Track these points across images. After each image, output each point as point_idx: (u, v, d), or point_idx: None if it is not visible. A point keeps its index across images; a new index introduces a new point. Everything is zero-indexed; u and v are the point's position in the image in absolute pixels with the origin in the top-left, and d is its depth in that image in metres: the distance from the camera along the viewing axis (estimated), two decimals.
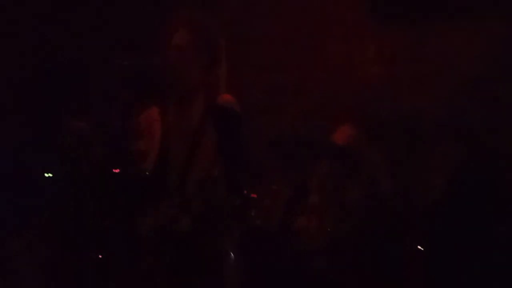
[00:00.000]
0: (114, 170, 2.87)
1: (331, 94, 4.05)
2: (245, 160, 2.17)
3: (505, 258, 2.71)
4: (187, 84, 2.20)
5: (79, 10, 3.94)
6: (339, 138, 3.47)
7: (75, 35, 3.87)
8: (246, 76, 4.34)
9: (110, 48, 3.83)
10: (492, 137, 3.29)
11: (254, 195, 3.33)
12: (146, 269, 2.26)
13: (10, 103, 3.65)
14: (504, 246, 2.70)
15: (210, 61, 2.22)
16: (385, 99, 3.79)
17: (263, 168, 3.51)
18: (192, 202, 1.96)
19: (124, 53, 3.53)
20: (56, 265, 3.01)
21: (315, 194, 3.14)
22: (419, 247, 2.98)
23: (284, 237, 3.23)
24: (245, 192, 3.19)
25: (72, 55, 3.86)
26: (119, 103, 3.59)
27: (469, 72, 3.43)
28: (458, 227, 2.87)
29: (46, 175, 3.17)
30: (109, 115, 3.52)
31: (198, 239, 2.08)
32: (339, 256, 3.36)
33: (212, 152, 2.11)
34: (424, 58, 3.65)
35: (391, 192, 3.40)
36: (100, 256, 2.60)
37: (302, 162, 3.31)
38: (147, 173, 2.85)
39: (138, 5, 4.12)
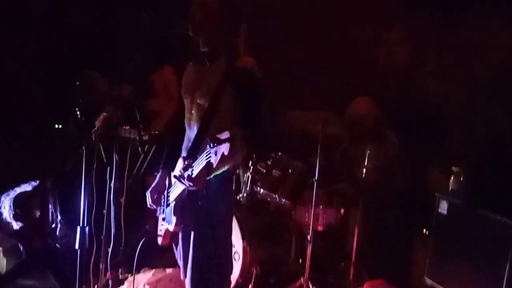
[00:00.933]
0: (124, 127, 2.86)
1: (351, 73, 3.96)
2: (262, 124, 2.13)
3: None
4: (209, 44, 2.16)
5: None
6: (356, 107, 3.38)
7: None
8: (267, 50, 4.27)
9: (129, 7, 3.76)
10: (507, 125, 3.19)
11: (263, 164, 3.33)
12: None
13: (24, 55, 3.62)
14: None
15: (232, 27, 2.19)
16: (410, 84, 3.69)
17: (276, 140, 3.46)
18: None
19: (143, 13, 3.46)
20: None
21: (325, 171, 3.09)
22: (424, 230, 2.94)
23: (288, 211, 3.20)
24: (253, 158, 3.19)
25: (89, 14, 3.79)
26: (135, 63, 3.57)
27: (498, 62, 3.31)
28: (471, 217, 2.78)
29: (56, 126, 3.19)
30: (125, 74, 3.51)
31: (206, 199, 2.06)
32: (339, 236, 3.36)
33: (231, 113, 2.09)
34: (452, 45, 3.53)
35: (406, 175, 3.35)
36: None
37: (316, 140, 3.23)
38: (157, 132, 2.83)
39: None
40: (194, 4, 2.14)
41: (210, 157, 1.86)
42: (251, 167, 3.28)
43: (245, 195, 3.27)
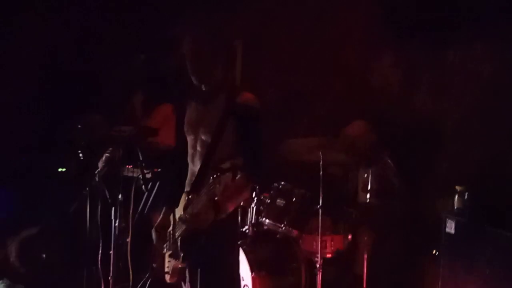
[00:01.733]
0: (127, 166, 2.89)
1: (347, 99, 4.03)
2: (264, 156, 2.18)
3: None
4: (209, 83, 2.21)
5: (98, 10, 3.98)
6: (350, 130, 3.42)
7: (93, 35, 3.90)
8: (262, 78, 4.36)
9: (128, 48, 3.85)
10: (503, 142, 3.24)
11: (267, 195, 3.34)
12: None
13: (25, 101, 3.69)
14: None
15: (227, 62, 2.24)
16: (400, 105, 3.76)
17: (279, 170, 3.49)
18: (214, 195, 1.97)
19: (142, 53, 3.55)
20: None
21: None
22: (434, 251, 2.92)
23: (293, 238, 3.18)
24: (257, 189, 3.21)
25: (90, 54, 3.88)
26: (134, 102, 3.63)
27: (484, 81, 3.39)
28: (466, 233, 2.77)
29: (60, 169, 3.22)
30: (125, 114, 3.56)
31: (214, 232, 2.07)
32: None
33: (233, 147, 2.13)
34: (439, 67, 3.61)
35: (401, 191, 3.37)
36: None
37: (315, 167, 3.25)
38: (159, 169, 2.86)
39: (156, 6, 4.16)
40: (189, 47, 2.18)
41: (213, 188, 1.89)
42: (255, 198, 3.29)
43: (251, 226, 3.27)
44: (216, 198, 1.99)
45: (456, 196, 2.79)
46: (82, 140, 3.24)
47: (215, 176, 1.90)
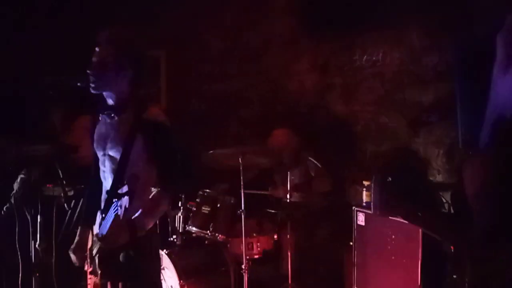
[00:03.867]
0: (48, 185, 2.83)
1: (270, 102, 4.21)
2: (179, 168, 2.18)
3: None
4: (114, 97, 2.14)
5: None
6: (275, 139, 3.62)
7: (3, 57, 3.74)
8: (188, 87, 4.42)
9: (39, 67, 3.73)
10: (413, 138, 3.57)
11: (193, 203, 3.41)
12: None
13: None
14: None
15: (135, 76, 2.14)
16: (320, 106, 3.99)
17: (202, 176, 3.56)
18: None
19: (53, 70, 3.45)
20: None
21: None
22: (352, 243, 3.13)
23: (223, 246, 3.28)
24: (183, 198, 3.25)
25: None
26: (53, 118, 3.52)
27: (392, 78, 3.70)
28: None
29: None
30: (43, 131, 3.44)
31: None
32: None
33: (143, 164, 2.07)
34: (352, 67, 3.88)
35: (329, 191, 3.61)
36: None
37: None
38: (82, 186, 2.83)
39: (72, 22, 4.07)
40: (92, 62, 2.13)
41: (116, 210, 1.92)
42: (181, 207, 3.35)
43: (179, 235, 3.32)
44: (132, 218, 1.99)
45: (364, 190, 3.03)
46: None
47: (114, 201, 1.91)
